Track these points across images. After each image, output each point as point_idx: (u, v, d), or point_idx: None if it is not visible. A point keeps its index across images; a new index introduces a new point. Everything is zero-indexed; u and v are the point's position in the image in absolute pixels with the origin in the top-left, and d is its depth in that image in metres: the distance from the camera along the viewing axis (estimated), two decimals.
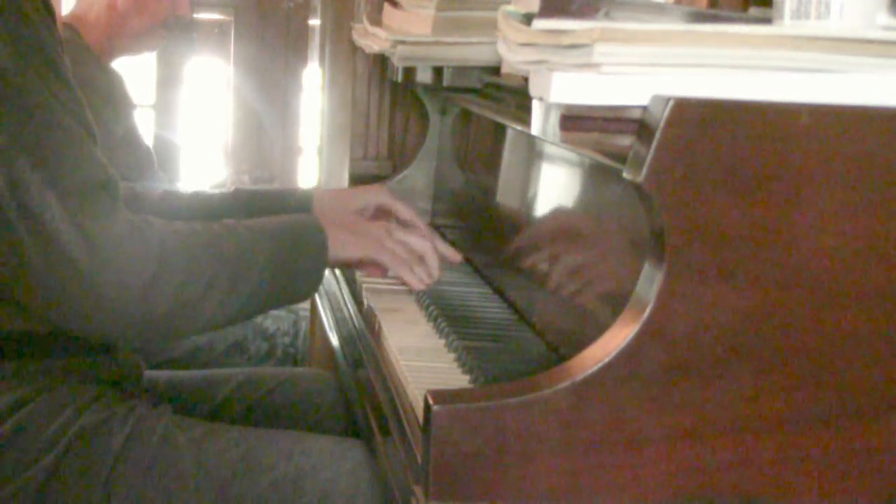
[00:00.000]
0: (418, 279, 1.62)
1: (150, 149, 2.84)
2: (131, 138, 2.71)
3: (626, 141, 1.06)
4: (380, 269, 1.61)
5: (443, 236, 2.14)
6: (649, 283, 1.05)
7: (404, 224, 1.73)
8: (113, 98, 2.64)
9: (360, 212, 1.75)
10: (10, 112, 1.29)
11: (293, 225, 1.52)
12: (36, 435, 1.40)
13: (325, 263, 1.52)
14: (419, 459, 1.10)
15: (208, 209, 1.72)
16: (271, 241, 1.46)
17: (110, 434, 1.43)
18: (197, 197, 1.77)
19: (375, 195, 1.78)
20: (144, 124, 3.35)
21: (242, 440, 1.48)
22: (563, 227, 1.51)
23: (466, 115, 2.10)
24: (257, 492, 1.43)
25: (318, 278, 1.52)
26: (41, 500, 1.39)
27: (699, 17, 1.15)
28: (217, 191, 1.85)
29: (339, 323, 1.78)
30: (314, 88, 3.13)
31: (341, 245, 1.54)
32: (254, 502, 1.43)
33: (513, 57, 1.14)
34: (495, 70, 1.75)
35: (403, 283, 1.63)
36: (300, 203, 1.74)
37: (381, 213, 1.77)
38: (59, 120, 1.31)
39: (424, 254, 1.64)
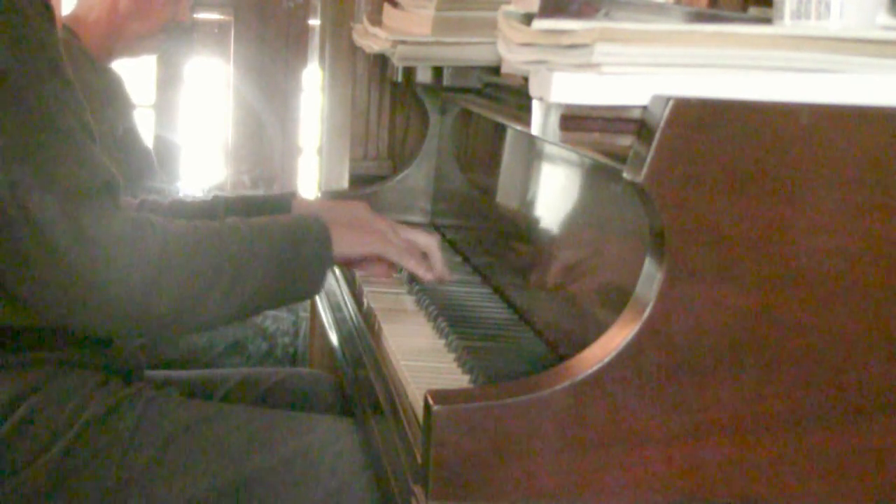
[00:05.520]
0: (426, 270, 1.60)
1: (150, 150, 2.84)
2: (131, 139, 2.71)
3: (626, 141, 1.06)
4: (382, 268, 1.60)
5: (443, 236, 2.15)
6: (649, 283, 1.05)
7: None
8: (112, 99, 2.64)
9: None
10: (11, 113, 1.29)
11: (296, 222, 1.51)
12: (46, 423, 1.42)
13: (329, 260, 1.50)
14: (419, 459, 1.10)
15: (186, 217, 1.72)
16: (274, 238, 1.45)
17: (120, 418, 1.45)
18: (175, 205, 1.76)
19: (354, 210, 1.78)
20: (144, 124, 3.35)
21: (253, 419, 1.51)
22: (563, 227, 1.51)
23: (466, 115, 2.10)
24: (272, 466, 1.46)
25: (322, 276, 1.51)
26: (56, 484, 1.42)
27: (699, 17, 1.15)
28: (195, 198, 1.85)
29: (339, 323, 1.77)
30: (314, 89, 3.13)
31: (346, 241, 1.52)
32: (268, 477, 1.46)
33: (513, 57, 1.14)
34: (495, 70, 1.75)
35: (412, 279, 1.63)
36: (279, 210, 1.73)
37: None
38: (61, 121, 1.32)
39: (428, 249, 1.63)
